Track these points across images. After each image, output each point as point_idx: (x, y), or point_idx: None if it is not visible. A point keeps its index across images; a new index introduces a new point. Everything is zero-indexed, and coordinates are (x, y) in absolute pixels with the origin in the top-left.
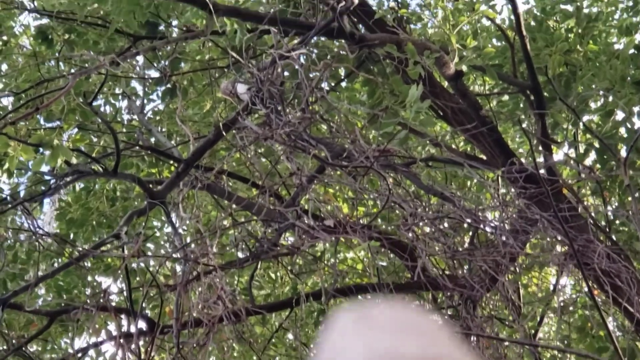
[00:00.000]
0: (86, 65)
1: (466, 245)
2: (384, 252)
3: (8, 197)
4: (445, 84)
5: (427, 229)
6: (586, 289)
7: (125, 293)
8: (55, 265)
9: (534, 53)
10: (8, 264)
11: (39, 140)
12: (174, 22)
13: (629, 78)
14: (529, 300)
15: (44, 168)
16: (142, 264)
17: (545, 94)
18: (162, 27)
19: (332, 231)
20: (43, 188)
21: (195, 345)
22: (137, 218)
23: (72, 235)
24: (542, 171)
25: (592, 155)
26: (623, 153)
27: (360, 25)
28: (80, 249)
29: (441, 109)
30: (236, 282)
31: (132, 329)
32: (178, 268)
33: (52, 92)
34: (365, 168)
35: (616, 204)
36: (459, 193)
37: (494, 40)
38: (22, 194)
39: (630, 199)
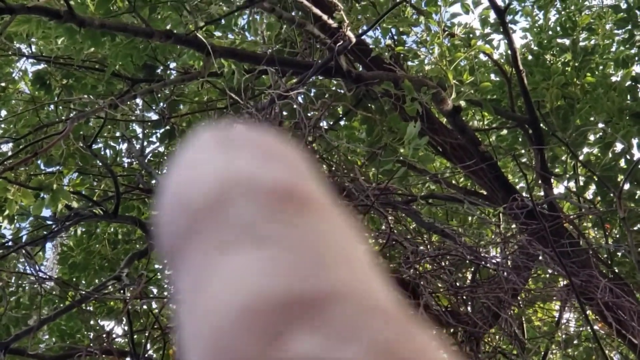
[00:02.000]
0: (85, 109)
1: (468, 281)
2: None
3: (10, 242)
4: (444, 120)
5: (429, 266)
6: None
7: (128, 336)
8: (58, 309)
9: (531, 87)
10: (11, 309)
11: (39, 184)
12: (172, 65)
13: (626, 110)
14: (532, 335)
15: (45, 212)
16: (145, 306)
17: (544, 127)
18: (159, 70)
19: None
20: (45, 232)
21: None
22: (138, 260)
23: (74, 279)
24: (543, 206)
25: (593, 188)
26: (625, 186)
27: (358, 64)
28: (83, 292)
29: (440, 145)
30: None
31: None
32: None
33: (51, 137)
34: (366, 207)
35: (617, 235)
36: (460, 230)
37: (492, 75)
38: (24, 238)
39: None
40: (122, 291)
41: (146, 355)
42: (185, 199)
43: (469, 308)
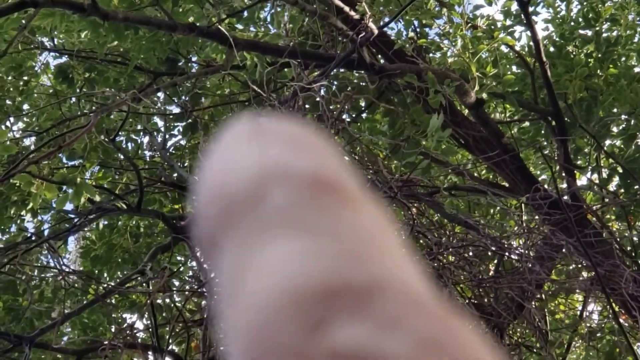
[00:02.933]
0: (107, 102)
1: (491, 273)
2: None
3: (33, 236)
4: (466, 112)
5: (452, 258)
6: (612, 315)
7: (151, 329)
8: (82, 302)
9: (554, 79)
10: (34, 302)
11: (62, 178)
12: (194, 58)
13: None
14: (556, 327)
15: (68, 206)
16: (168, 300)
17: (567, 119)
18: (181, 63)
19: None
20: (67, 226)
21: None
22: (161, 254)
23: (96, 273)
24: (565, 197)
25: (616, 179)
26: None
27: (380, 56)
28: (106, 284)
29: (463, 137)
30: None
31: None
32: (204, 303)
33: (73, 131)
34: (390, 198)
35: None
36: (482, 221)
37: (514, 67)
38: (46, 232)
39: None
40: (145, 285)
41: (169, 349)
42: (222, 191)
43: (492, 299)
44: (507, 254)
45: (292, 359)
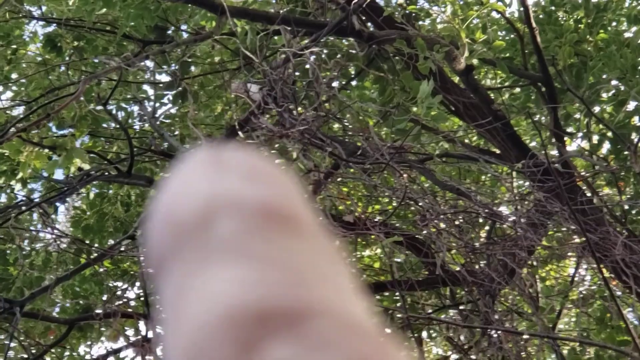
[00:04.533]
0: (97, 69)
1: (483, 239)
2: (400, 249)
3: (22, 200)
4: (456, 79)
5: (444, 225)
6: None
7: (142, 297)
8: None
9: (543, 45)
10: (25, 272)
11: (53, 143)
12: (183, 26)
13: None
14: (547, 293)
15: (58, 175)
16: None
17: (557, 84)
18: (171, 31)
19: (350, 228)
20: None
21: None
22: None
23: (87, 242)
24: (556, 165)
25: (607, 145)
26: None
27: (369, 23)
28: (96, 248)
29: (453, 104)
30: None
31: (150, 334)
32: None
33: (62, 99)
34: (382, 164)
35: (632, 193)
36: (474, 188)
37: (504, 33)
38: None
39: None
40: (136, 250)
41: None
42: (172, 217)
43: (484, 266)
44: (499, 220)
45: None
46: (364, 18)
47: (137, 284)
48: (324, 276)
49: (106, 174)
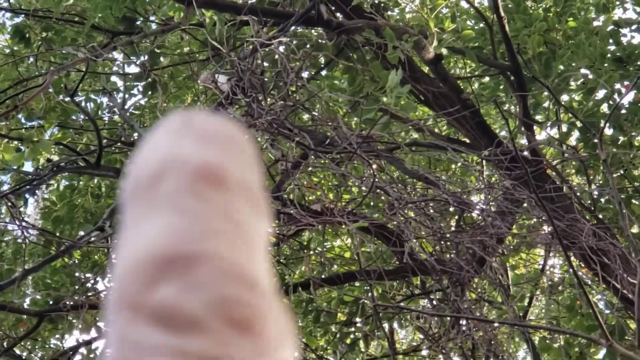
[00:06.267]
0: (66, 60)
1: (453, 228)
2: (370, 239)
3: None
4: (426, 68)
5: (413, 214)
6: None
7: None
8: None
9: (512, 34)
10: None
11: (20, 136)
12: (152, 17)
13: (609, 55)
14: (517, 281)
15: (27, 167)
16: None
17: (527, 73)
18: (139, 22)
19: (318, 216)
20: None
21: None
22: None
23: (58, 234)
24: (525, 152)
25: (576, 134)
26: (608, 131)
27: (338, 14)
28: (66, 240)
29: (422, 93)
30: None
31: None
32: None
33: (31, 90)
34: (349, 154)
35: (600, 182)
36: (443, 177)
37: (473, 23)
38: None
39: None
40: (106, 241)
41: None
42: (135, 172)
43: (453, 254)
44: (467, 209)
45: (130, 309)
46: (332, 8)
47: (108, 275)
48: (232, 231)
49: (75, 165)
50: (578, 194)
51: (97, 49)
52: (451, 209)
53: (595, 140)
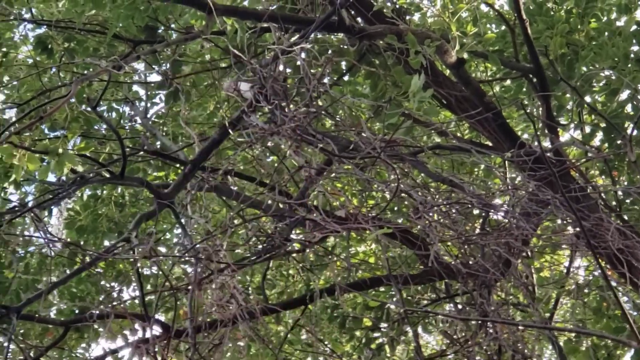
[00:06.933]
0: (88, 70)
1: (477, 231)
2: (395, 244)
3: (16, 206)
4: (448, 72)
5: (437, 217)
6: (599, 269)
7: (138, 298)
8: (68, 272)
9: (534, 36)
10: (20, 274)
11: (44, 148)
12: (173, 25)
13: (632, 55)
14: (542, 283)
15: (51, 177)
16: (154, 269)
17: (550, 73)
18: (161, 31)
19: (343, 223)
20: (51, 196)
21: (211, 345)
22: (146, 221)
23: (82, 243)
24: (548, 154)
25: (600, 135)
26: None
27: (359, 19)
28: (91, 252)
29: (445, 97)
30: (249, 281)
31: (147, 334)
32: (190, 269)
33: (54, 101)
34: (373, 159)
35: (625, 182)
36: (467, 180)
37: (494, 26)
38: (30, 204)
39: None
40: (131, 252)
41: (156, 317)
42: None
43: (479, 257)
44: (492, 211)
45: None
46: (353, 13)
47: (133, 284)
48: None
49: (99, 176)
50: (603, 195)
51: (118, 60)
52: (475, 212)
53: (619, 141)
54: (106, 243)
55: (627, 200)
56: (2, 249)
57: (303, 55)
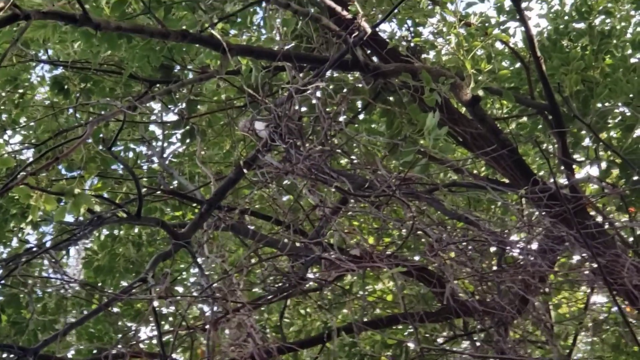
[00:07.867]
0: (104, 111)
1: (494, 268)
2: (411, 281)
3: (34, 247)
4: (463, 110)
5: (454, 254)
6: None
7: (155, 337)
8: (85, 312)
9: (549, 73)
10: (38, 315)
11: (60, 190)
12: (189, 65)
13: None
14: (560, 320)
15: (68, 218)
16: (171, 308)
17: (565, 110)
18: (176, 70)
19: (358, 261)
20: (68, 237)
21: None
22: (163, 261)
23: (100, 283)
24: (564, 190)
25: (616, 171)
26: None
27: (374, 57)
28: (108, 293)
29: (460, 135)
30: (266, 319)
31: None
32: (206, 309)
33: (71, 141)
34: (388, 197)
35: None
36: (483, 217)
37: (508, 63)
38: (47, 244)
39: None
40: (147, 292)
41: (174, 357)
42: None
43: (495, 294)
44: (508, 247)
45: None
46: (368, 51)
47: (150, 324)
48: None
49: (116, 217)
50: (618, 228)
51: (132, 101)
52: (492, 249)
53: (635, 177)
54: (123, 283)
55: None
56: (19, 290)
57: (318, 93)
